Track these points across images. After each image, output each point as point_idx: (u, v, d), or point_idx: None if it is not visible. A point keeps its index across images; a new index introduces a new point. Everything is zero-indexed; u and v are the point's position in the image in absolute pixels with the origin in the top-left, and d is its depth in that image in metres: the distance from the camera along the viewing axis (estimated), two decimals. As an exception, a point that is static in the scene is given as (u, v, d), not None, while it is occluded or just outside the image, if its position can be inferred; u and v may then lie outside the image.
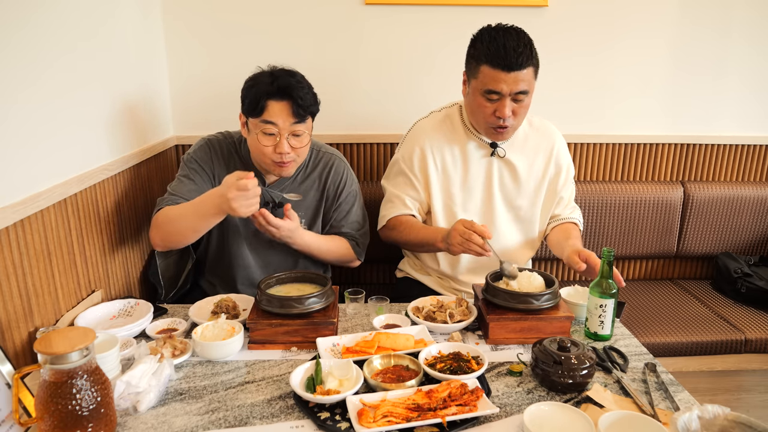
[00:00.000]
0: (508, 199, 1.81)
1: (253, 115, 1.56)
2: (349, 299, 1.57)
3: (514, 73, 1.55)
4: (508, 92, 1.58)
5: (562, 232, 1.81)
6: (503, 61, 1.54)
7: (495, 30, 1.60)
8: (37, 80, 1.32)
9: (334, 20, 2.22)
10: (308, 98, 1.56)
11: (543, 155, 1.81)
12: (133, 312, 1.50)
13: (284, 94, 1.53)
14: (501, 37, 1.56)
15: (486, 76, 1.58)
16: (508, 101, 1.59)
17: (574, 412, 1.06)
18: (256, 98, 1.54)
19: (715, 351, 2.05)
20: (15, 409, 1.00)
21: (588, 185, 2.38)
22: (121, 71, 1.77)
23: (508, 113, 1.60)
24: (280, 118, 1.54)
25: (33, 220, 1.28)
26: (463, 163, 1.77)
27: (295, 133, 1.57)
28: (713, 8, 2.32)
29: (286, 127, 1.55)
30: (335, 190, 1.77)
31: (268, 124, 1.54)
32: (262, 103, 1.53)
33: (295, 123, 1.56)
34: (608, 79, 2.38)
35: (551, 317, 1.38)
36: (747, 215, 2.44)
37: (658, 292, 2.41)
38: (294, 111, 1.54)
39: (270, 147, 1.57)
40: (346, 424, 1.06)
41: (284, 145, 1.56)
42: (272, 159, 1.59)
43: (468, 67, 1.68)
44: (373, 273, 2.48)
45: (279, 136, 1.56)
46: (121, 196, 1.74)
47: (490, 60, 1.56)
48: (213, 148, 1.72)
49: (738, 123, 2.48)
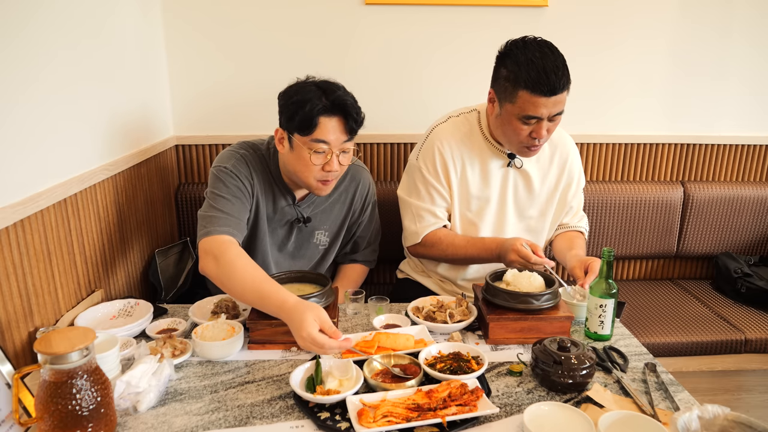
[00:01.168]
0: (520, 209, 1.79)
1: (303, 133, 1.46)
2: (349, 299, 1.57)
3: (554, 97, 1.50)
4: (547, 115, 1.53)
5: (567, 240, 1.80)
6: (546, 88, 1.47)
7: (530, 50, 1.50)
8: (37, 80, 1.32)
9: (334, 20, 2.22)
10: (360, 113, 1.49)
11: (557, 166, 1.78)
12: (133, 312, 1.50)
13: (339, 111, 1.45)
14: (539, 60, 1.47)
15: (525, 102, 1.51)
16: (545, 123, 1.55)
17: (574, 412, 1.06)
18: (309, 116, 1.43)
19: (715, 351, 2.05)
20: (15, 409, 1.00)
21: (588, 185, 2.38)
22: (121, 71, 1.77)
23: (544, 134, 1.56)
24: (333, 135, 1.46)
25: (33, 220, 1.28)
26: (481, 172, 1.73)
27: (344, 150, 1.50)
28: (713, 8, 2.32)
29: (337, 145, 1.47)
30: (362, 204, 1.76)
31: (320, 143, 1.45)
32: (315, 121, 1.44)
33: (347, 140, 1.49)
34: (608, 79, 2.37)
35: (551, 317, 1.38)
36: (747, 215, 2.44)
37: (658, 292, 2.41)
38: (347, 128, 1.47)
39: (318, 166, 1.48)
40: (346, 424, 1.06)
41: (334, 164, 1.48)
42: (317, 178, 1.51)
43: (499, 88, 1.57)
44: (373, 273, 2.48)
45: (329, 154, 1.48)
46: (121, 196, 1.74)
47: (531, 87, 1.48)
48: (250, 164, 1.58)
49: (738, 123, 2.48)
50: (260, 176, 1.59)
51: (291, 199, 1.64)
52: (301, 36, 2.23)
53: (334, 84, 1.50)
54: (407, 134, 2.32)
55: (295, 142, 1.48)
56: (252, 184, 1.57)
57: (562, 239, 1.82)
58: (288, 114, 1.48)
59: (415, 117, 1.89)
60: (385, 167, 2.38)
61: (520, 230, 1.81)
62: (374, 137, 2.34)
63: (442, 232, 1.74)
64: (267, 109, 2.05)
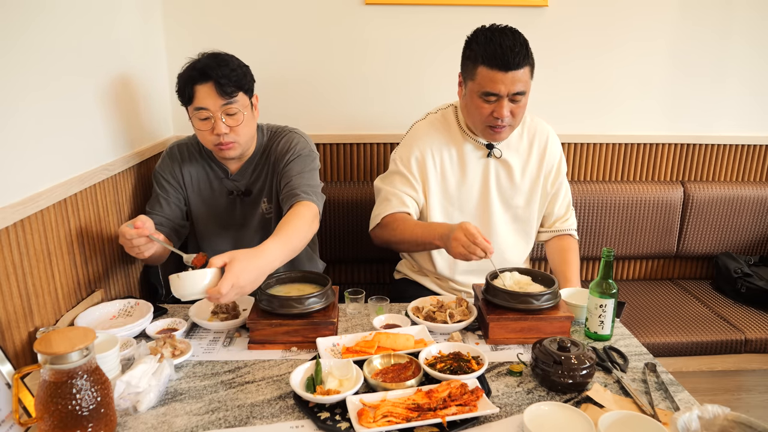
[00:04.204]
0: (505, 198, 1.81)
1: (187, 105, 1.58)
2: (349, 299, 1.57)
3: (512, 73, 1.55)
4: (506, 93, 1.58)
5: (560, 253, 1.82)
6: (500, 61, 1.54)
7: (490, 30, 1.59)
8: (38, 82, 1.32)
9: (334, 20, 2.22)
10: (233, 75, 1.54)
11: (537, 153, 1.81)
12: (133, 312, 1.50)
13: (206, 76, 1.53)
14: (497, 38, 1.55)
15: (483, 78, 1.58)
16: (505, 102, 1.59)
17: (574, 412, 1.06)
18: (183, 87, 1.56)
19: (715, 351, 2.05)
20: (15, 409, 1.00)
21: (588, 185, 2.38)
22: (122, 71, 1.77)
23: (506, 113, 1.60)
24: (208, 100, 1.53)
25: (33, 220, 1.28)
26: (460, 164, 1.77)
27: (228, 113, 1.56)
28: (713, 9, 2.32)
29: (217, 109, 1.54)
30: (283, 155, 1.68)
31: (200, 110, 1.55)
32: (188, 91, 1.55)
33: (226, 104, 1.54)
34: (608, 79, 2.38)
35: (551, 317, 1.38)
36: (747, 215, 2.44)
37: (658, 292, 2.41)
38: (219, 91, 1.53)
39: (207, 131, 1.57)
40: (346, 424, 1.06)
41: (220, 126, 1.55)
42: (213, 143, 1.59)
43: (464, 68, 1.67)
44: (373, 273, 2.48)
45: (213, 119, 1.55)
46: (121, 196, 1.74)
47: (487, 61, 1.56)
48: (173, 157, 1.74)
49: (738, 123, 2.48)
50: (189, 162, 1.73)
51: (223, 172, 1.73)
52: (300, 36, 2.23)
53: (211, 54, 1.58)
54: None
55: (190, 115, 1.60)
56: (175, 174, 1.73)
57: (556, 248, 1.85)
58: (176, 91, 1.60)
59: (415, 117, 1.90)
60: (384, 166, 2.38)
61: (507, 219, 1.83)
62: (374, 137, 2.34)
63: (400, 215, 1.74)
64: (266, 109, 2.06)
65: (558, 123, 1.92)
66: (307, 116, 2.29)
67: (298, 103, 2.27)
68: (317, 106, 2.30)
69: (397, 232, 1.71)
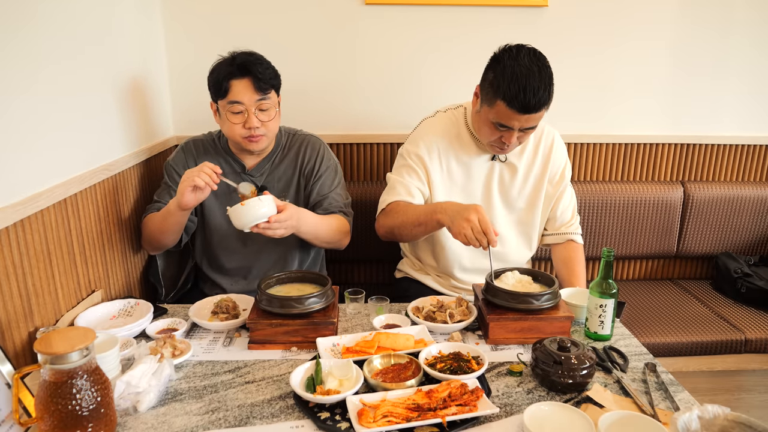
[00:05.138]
0: (508, 201, 1.81)
1: (220, 98, 1.64)
2: (349, 299, 1.57)
3: (528, 115, 1.54)
4: (518, 128, 1.58)
5: (567, 263, 1.81)
6: (521, 105, 1.50)
7: (518, 64, 1.51)
8: (37, 81, 1.32)
9: (333, 20, 2.22)
10: (268, 72, 1.64)
11: (542, 157, 1.81)
12: (133, 312, 1.50)
13: (244, 72, 1.60)
14: (523, 78, 1.49)
15: (500, 112, 1.55)
16: (515, 133, 1.59)
17: (574, 412, 1.06)
18: (218, 81, 1.62)
19: (715, 351, 2.05)
20: (15, 409, 1.00)
21: (588, 185, 2.38)
22: (121, 71, 1.77)
23: (514, 142, 1.62)
24: (244, 95, 1.61)
25: (33, 220, 1.28)
26: (466, 164, 1.77)
27: (261, 108, 1.64)
28: (713, 8, 2.32)
29: (252, 103, 1.62)
30: (313, 165, 1.80)
31: (234, 104, 1.61)
32: (225, 85, 1.61)
33: (260, 99, 1.62)
34: (608, 79, 2.37)
35: (551, 317, 1.38)
36: (747, 215, 2.44)
37: (658, 292, 2.41)
38: (256, 86, 1.61)
39: (239, 124, 1.63)
40: (346, 424, 1.06)
41: (253, 120, 1.62)
42: (242, 135, 1.65)
43: (483, 88, 1.62)
44: (373, 273, 2.48)
45: (247, 113, 1.62)
46: (121, 196, 1.74)
47: (509, 101, 1.51)
48: (188, 151, 1.78)
49: (738, 123, 2.48)
50: (205, 157, 1.75)
51: (240, 167, 1.76)
52: (301, 36, 2.23)
53: (244, 51, 1.66)
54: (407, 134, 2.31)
55: (220, 109, 1.66)
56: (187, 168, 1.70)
57: (562, 256, 1.84)
58: (208, 86, 1.67)
59: (415, 116, 1.90)
60: (384, 167, 2.38)
61: (510, 222, 1.83)
62: (374, 137, 2.34)
63: (404, 203, 1.73)
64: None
65: (558, 123, 1.92)
66: (307, 116, 2.28)
67: (298, 104, 2.27)
68: (318, 107, 2.30)
69: (399, 215, 1.70)
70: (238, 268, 1.83)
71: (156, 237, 1.69)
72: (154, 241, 1.71)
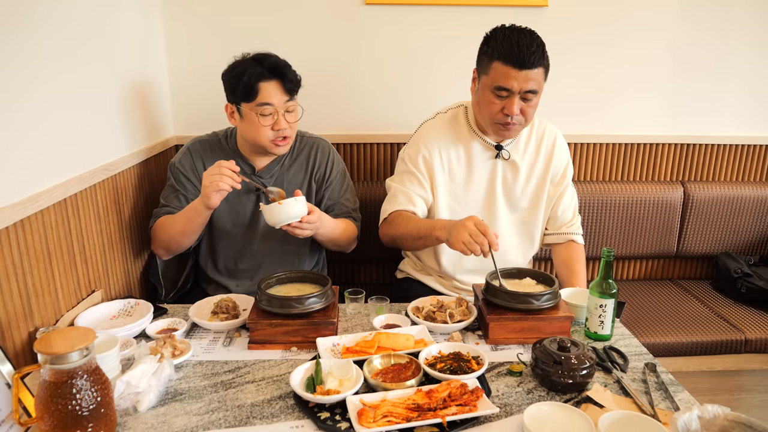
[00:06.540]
0: (511, 200, 1.81)
1: (247, 101, 1.62)
2: (349, 299, 1.57)
3: (525, 72, 1.56)
4: (518, 90, 1.58)
5: (567, 264, 1.81)
6: (515, 58, 1.55)
7: (509, 29, 1.60)
8: (37, 80, 1.32)
9: (334, 20, 2.22)
10: (295, 74, 1.66)
11: (544, 156, 1.81)
12: (133, 312, 1.50)
13: (275, 74, 1.61)
14: (515, 36, 1.56)
15: (497, 73, 1.58)
16: (516, 99, 1.59)
17: (574, 412, 1.06)
18: (248, 84, 1.60)
19: (715, 351, 2.05)
20: (15, 409, 1.00)
21: (588, 185, 2.38)
22: (121, 71, 1.77)
23: (516, 111, 1.60)
24: (275, 97, 1.61)
25: (33, 220, 1.28)
26: (468, 164, 1.77)
27: (288, 110, 1.65)
28: (713, 8, 2.32)
29: (281, 105, 1.63)
30: (324, 170, 1.82)
31: (265, 106, 1.61)
32: (256, 88, 1.60)
33: (288, 101, 1.64)
34: (608, 79, 2.37)
35: (551, 317, 1.38)
36: (747, 215, 2.44)
37: (658, 292, 2.41)
38: (286, 88, 1.63)
39: (268, 127, 1.63)
40: (346, 424, 1.06)
41: (282, 122, 1.63)
42: (271, 138, 1.65)
43: (479, 63, 1.67)
44: (373, 273, 2.48)
45: (276, 115, 1.63)
46: (121, 196, 1.74)
47: (503, 57, 1.56)
48: (195, 152, 1.77)
49: (738, 123, 2.48)
50: (212, 158, 1.73)
51: (250, 169, 1.76)
52: (301, 36, 2.23)
53: (266, 53, 1.67)
54: (408, 134, 2.31)
55: (244, 111, 1.65)
56: (196, 170, 1.75)
57: (562, 257, 1.84)
58: (231, 88, 1.65)
59: (416, 116, 1.90)
60: (385, 167, 2.38)
61: (513, 221, 1.83)
62: (374, 137, 2.34)
63: (405, 213, 1.75)
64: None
65: (558, 123, 1.91)
66: (308, 117, 2.26)
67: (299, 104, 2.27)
68: (319, 107, 2.30)
69: (401, 227, 1.72)
70: (245, 270, 1.82)
71: (176, 240, 1.67)
72: (173, 244, 1.69)
